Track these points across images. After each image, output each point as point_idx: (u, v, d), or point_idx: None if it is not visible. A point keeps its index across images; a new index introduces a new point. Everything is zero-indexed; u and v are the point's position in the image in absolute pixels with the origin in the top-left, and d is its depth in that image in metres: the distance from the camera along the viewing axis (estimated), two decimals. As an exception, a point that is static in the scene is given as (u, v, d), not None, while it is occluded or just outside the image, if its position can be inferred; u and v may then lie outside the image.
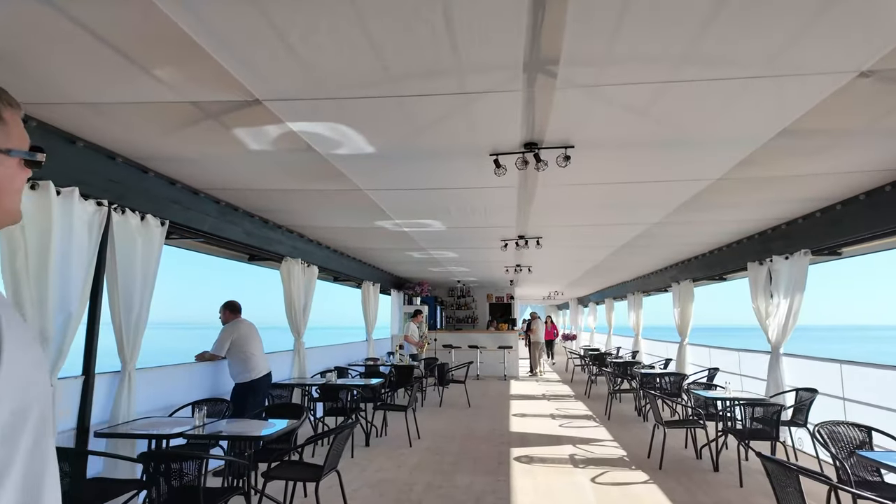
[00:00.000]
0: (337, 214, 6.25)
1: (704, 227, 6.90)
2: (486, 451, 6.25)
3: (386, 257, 10.20)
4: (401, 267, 11.86)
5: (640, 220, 6.51)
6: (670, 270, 11.04)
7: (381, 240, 7.98)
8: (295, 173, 4.60)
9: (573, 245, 8.58)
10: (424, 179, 4.74)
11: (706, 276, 9.35)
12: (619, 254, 9.28)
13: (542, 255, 9.70)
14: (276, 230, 6.82)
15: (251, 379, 5.48)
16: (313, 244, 8.00)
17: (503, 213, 6.13)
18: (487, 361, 14.63)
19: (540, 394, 11.36)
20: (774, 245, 6.75)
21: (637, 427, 7.72)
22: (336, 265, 9.26)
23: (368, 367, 9.88)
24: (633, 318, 14.16)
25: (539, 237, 7.59)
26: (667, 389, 8.21)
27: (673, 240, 7.87)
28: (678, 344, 10.31)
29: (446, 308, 18.62)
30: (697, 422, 5.77)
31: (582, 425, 7.92)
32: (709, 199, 5.35)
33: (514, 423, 7.99)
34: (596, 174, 4.57)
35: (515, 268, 11.51)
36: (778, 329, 6.61)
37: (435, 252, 9.37)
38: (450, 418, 8.41)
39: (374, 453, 6.15)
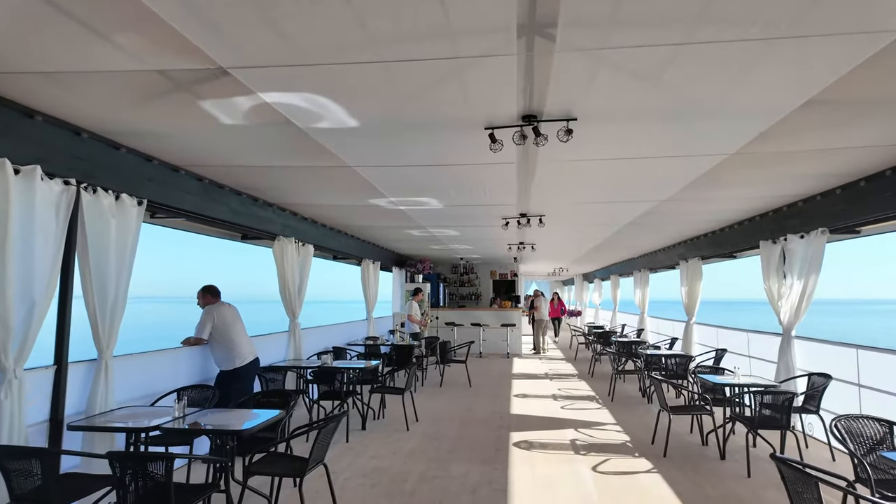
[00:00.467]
0: (328, 192, 5.96)
1: (715, 205, 6.56)
2: (484, 437, 6.08)
3: (385, 235, 9.94)
4: (401, 244, 11.61)
5: (647, 198, 6.18)
6: (678, 248, 10.71)
7: (377, 218, 7.70)
8: (277, 149, 4.30)
9: (577, 223, 8.26)
10: (416, 156, 4.43)
11: (716, 254, 9.02)
12: (625, 231, 8.96)
13: (546, 233, 9.39)
14: (267, 208, 6.54)
15: (236, 367, 5.28)
16: (307, 222, 7.74)
17: (503, 190, 5.81)
18: (490, 339, 14.48)
19: (543, 373, 11.20)
20: (789, 223, 6.41)
21: (641, 410, 7.54)
22: (333, 243, 9.01)
23: (368, 346, 9.74)
24: (638, 296, 13.90)
25: (542, 215, 7.28)
26: (672, 371, 8.00)
27: (681, 217, 7.53)
28: (685, 323, 10.06)
29: (449, 285, 18.43)
30: (704, 408, 5.55)
31: (584, 407, 7.74)
32: (722, 176, 5.01)
33: (514, 405, 7.83)
34: (601, 149, 4.24)
35: (519, 245, 11.22)
36: (790, 311, 6.33)
37: (435, 230, 9.09)
38: (449, 399, 8.26)
39: (369, 438, 6.00)
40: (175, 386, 4.83)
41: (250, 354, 5.46)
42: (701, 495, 4.34)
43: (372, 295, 10.97)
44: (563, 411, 7.43)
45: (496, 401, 8.15)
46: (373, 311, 11.05)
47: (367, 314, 11.04)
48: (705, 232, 8.98)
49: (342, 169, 4.79)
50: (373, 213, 7.28)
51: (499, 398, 8.36)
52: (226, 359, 5.32)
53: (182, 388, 4.73)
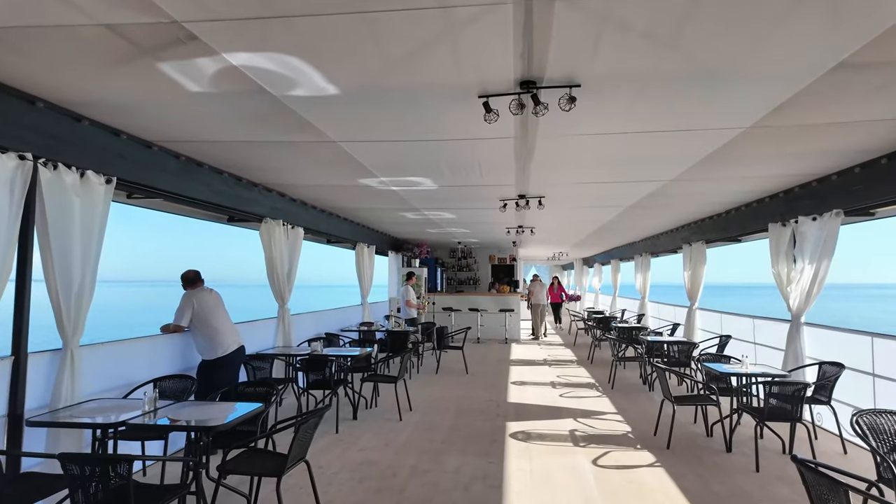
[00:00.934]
0: (315, 171, 5.63)
1: (724, 185, 6.24)
2: (480, 427, 5.85)
3: (379, 218, 9.62)
4: (397, 228, 11.29)
5: (653, 178, 5.86)
6: (682, 231, 10.40)
7: (370, 200, 7.37)
8: (255, 123, 3.96)
9: (578, 205, 7.94)
10: (404, 129, 4.09)
11: (721, 237, 8.72)
12: (628, 214, 8.64)
13: (545, 216, 9.07)
14: (252, 189, 6.22)
15: (219, 356, 5.01)
16: (297, 204, 7.41)
17: (500, 169, 5.48)
18: (488, 324, 14.26)
19: (541, 359, 10.98)
20: (801, 204, 6.09)
21: (642, 398, 7.31)
22: (325, 227, 8.69)
23: (363, 332, 9.49)
24: (639, 281, 13.62)
25: (541, 196, 6.95)
26: (675, 358, 7.75)
27: (687, 199, 7.21)
28: (687, 308, 9.80)
29: (447, 270, 18.16)
30: (710, 398, 5.30)
31: (584, 395, 7.51)
32: (734, 153, 4.68)
33: (512, 393, 7.60)
34: (606, 123, 3.91)
35: (517, 229, 10.91)
36: (800, 296, 6.05)
37: (430, 213, 8.77)
38: (445, 387, 8.03)
39: (361, 428, 5.76)
40: (154, 376, 4.56)
41: (234, 343, 5.19)
42: (707, 492, 4.10)
43: (367, 280, 10.69)
44: (562, 399, 7.20)
45: (493, 388, 7.92)
46: (368, 296, 10.79)
47: (361, 299, 10.77)
48: (710, 214, 8.67)
49: (326, 145, 4.46)
50: (365, 195, 6.96)
51: (496, 386, 8.13)
52: (208, 347, 5.05)
53: (159, 378, 4.47)
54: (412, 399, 6.97)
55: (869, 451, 4.73)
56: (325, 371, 5.93)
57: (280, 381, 6.13)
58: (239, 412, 3.48)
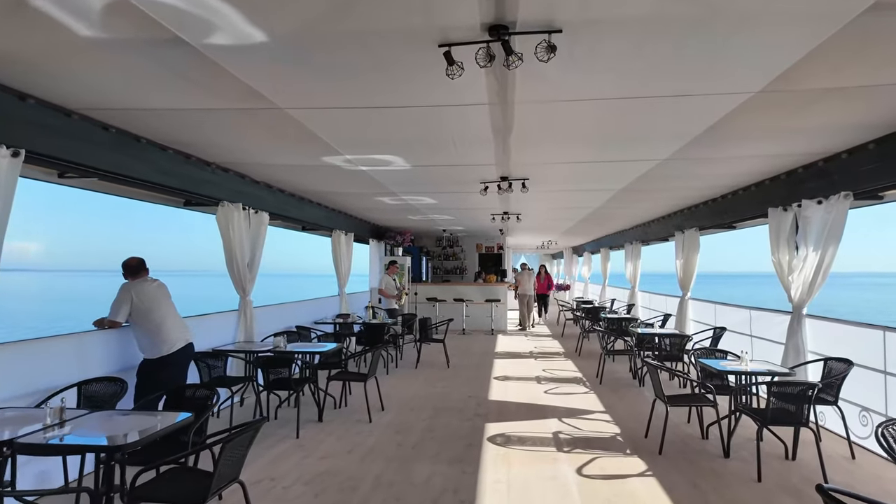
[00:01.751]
0: (272, 148, 5.05)
1: (722, 166, 5.74)
2: (457, 428, 5.36)
3: (356, 203, 9.03)
4: (376, 214, 10.71)
5: (646, 156, 5.34)
6: (674, 218, 9.94)
7: (341, 182, 6.80)
8: (185, 85, 3.38)
9: (566, 188, 7.42)
10: (358, 94, 3.52)
11: (715, 223, 8.25)
12: (618, 199, 8.14)
13: (531, 201, 8.56)
14: (205, 168, 5.62)
15: (163, 354, 4.46)
16: (261, 187, 6.82)
17: (478, 145, 4.94)
18: (474, 315, 13.77)
19: (527, 351, 10.52)
20: (805, 187, 5.62)
21: (632, 394, 6.86)
22: (297, 212, 8.10)
23: (339, 325, 8.96)
24: (629, 270, 13.19)
25: (524, 179, 6.42)
26: (667, 351, 7.32)
27: (681, 182, 6.72)
28: (679, 298, 9.37)
29: (433, 259, 17.62)
30: (706, 398, 4.85)
31: (570, 391, 7.05)
32: (735, 127, 4.18)
33: (494, 389, 7.12)
34: (593, 84, 3.37)
35: (503, 216, 10.38)
36: (803, 286, 5.60)
37: (408, 197, 8.20)
38: (424, 382, 7.54)
39: (325, 432, 5.25)
40: (85, 377, 4.00)
41: (181, 340, 4.63)
42: (706, 507, 3.64)
43: (344, 269, 10.13)
44: (547, 397, 6.73)
45: (474, 384, 7.43)
46: (345, 286, 10.23)
47: (339, 289, 10.22)
48: (705, 200, 8.19)
49: (273, 113, 3.87)
50: (334, 177, 6.38)
51: (478, 381, 7.65)
52: (150, 345, 4.49)
53: (84, 381, 3.91)
54: (387, 397, 6.47)
55: (883, 459, 4.35)
56: (291, 368, 5.39)
57: (238, 380, 5.59)
58: (161, 425, 2.95)
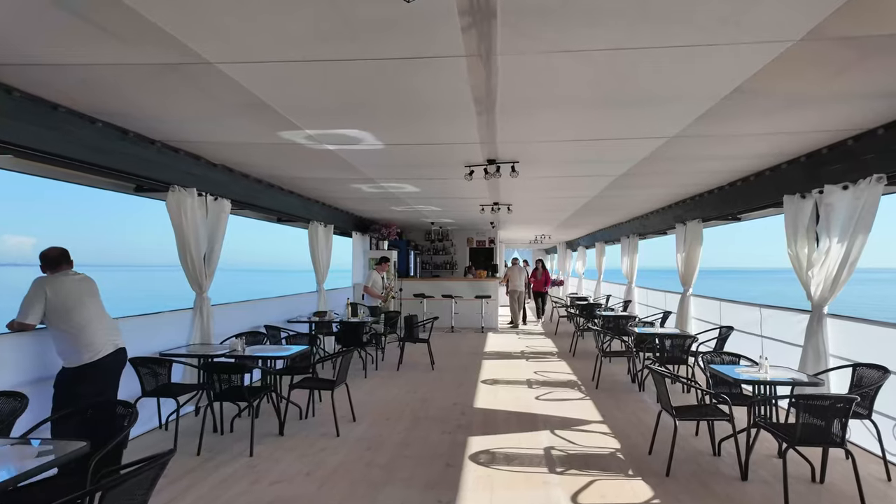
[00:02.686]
0: (214, 119, 4.34)
1: (736, 145, 5.11)
2: (436, 443, 4.72)
3: (331, 191, 8.32)
4: (356, 205, 10.01)
5: (651, 132, 4.68)
6: (675, 209, 9.31)
7: (308, 165, 6.10)
8: (87, 30, 2.68)
9: (560, 174, 6.77)
10: (303, 38, 2.83)
11: (722, 214, 7.63)
12: (617, 186, 7.50)
13: (522, 190, 7.90)
14: (148, 147, 4.91)
15: (84, 362, 3.77)
16: (220, 170, 6.11)
17: (459, 119, 4.26)
18: (463, 312, 13.13)
19: (518, 351, 9.89)
20: (829, 171, 5.00)
21: (632, 400, 6.23)
22: (267, 200, 7.41)
23: (315, 324, 8.29)
24: (626, 264, 12.58)
25: (514, 162, 5.75)
26: (669, 353, 6.70)
27: (688, 166, 6.08)
28: (680, 295, 8.76)
29: (422, 253, 16.96)
30: (720, 410, 4.22)
31: (564, 397, 6.42)
32: (761, 91, 3.54)
33: (481, 395, 6.48)
34: (591, 31, 2.71)
35: (493, 206, 9.72)
36: (824, 282, 4.99)
37: (388, 185, 7.52)
38: (404, 386, 6.89)
39: (285, 448, 4.59)
40: (-15, 390, 3.31)
41: (109, 344, 3.94)
42: (727, 549, 3.01)
43: (323, 263, 9.44)
44: (539, 404, 6.10)
45: (460, 389, 6.79)
46: (324, 281, 9.54)
47: (317, 285, 9.53)
48: (711, 188, 7.56)
49: (202, 71, 3.18)
50: (299, 158, 5.69)
51: (464, 385, 7.01)
52: (70, 351, 3.80)
53: (-26, 397, 3.22)
54: (361, 404, 5.82)
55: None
56: (241, 376, 4.71)
57: (190, 388, 4.91)
58: (40, 461, 2.29)
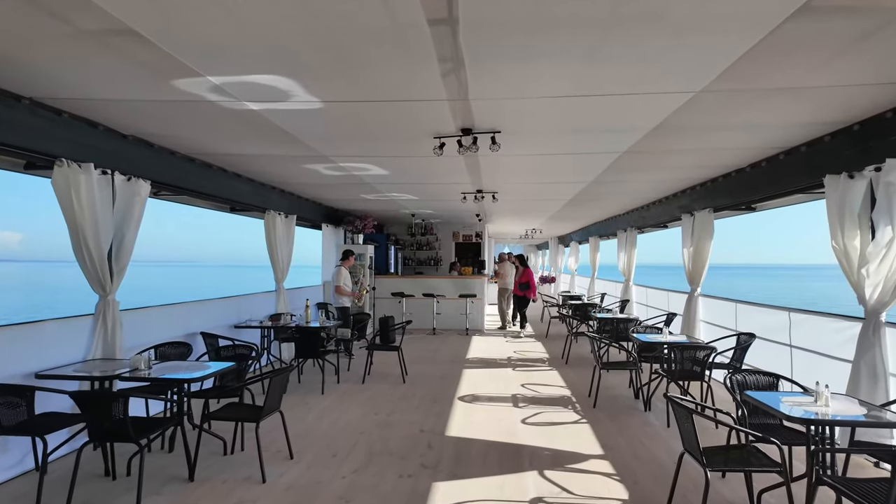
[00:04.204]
0: (81, 61, 3.17)
1: (768, 109, 4.04)
2: (386, 495, 3.61)
3: (284, 174, 7.11)
4: (321, 192, 8.83)
5: (669, 86, 3.58)
6: (681, 198, 8.25)
7: (234, 134, 4.94)
8: None
9: (551, 151, 5.66)
10: None
11: (736, 202, 6.59)
12: (617, 170, 6.42)
13: (508, 172, 6.81)
14: (13, 105, 3.74)
15: None
16: (131, 142, 4.92)
17: (414, 59, 3.13)
18: (446, 312, 12.03)
19: (505, 357, 8.81)
20: (891, 141, 3.95)
21: (637, 424, 5.16)
22: (205, 185, 6.24)
23: (268, 328, 7.15)
24: (623, 261, 11.53)
25: (494, 131, 4.63)
26: (679, 366, 5.63)
27: (702, 140, 5.01)
28: (687, 295, 7.72)
29: (404, 248, 15.84)
30: (765, 458, 3.15)
31: (556, 419, 5.34)
32: (833, 10, 2.45)
33: (456, 417, 5.39)
34: None
35: (476, 195, 8.60)
36: (884, 283, 3.96)
37: (348, 164, 6.35)
38: (366, 405, 5.77)
39: (189, 499, 3.46)
40: None
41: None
42: None
43: (282, 259, 8.27)
44: (525, 430, 5.01)
45: (432, 408, 5.69)
46: (283, 279, 8.38)
47: (275, 284, 8.37)
48: (727, 171, 6.50)
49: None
50: (217, 123, 4.53)
51: (438, 403, 5.90)
52: None
53: None
54: (306, 433, 4.72)
55: None
56: (127, 407, 3.55)
57: (66, 420, 3.76)
58: None
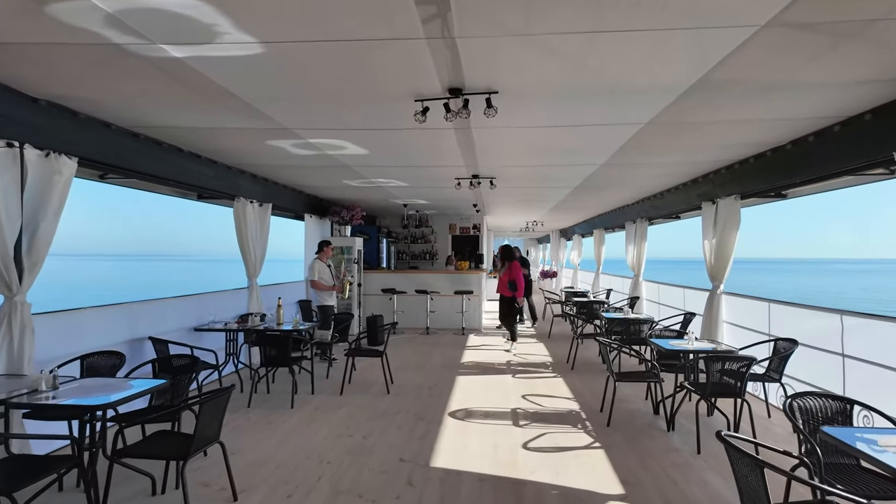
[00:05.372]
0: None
1: (826, 66, 3.15)
2: (348, 558, 2.75)
3: (248, 154, 6.14)
4: (298, 177, 7.87)
5: (721, 16, 2.69)
6: (702, 184, 7.35)
7: (160, 95, 4.05)
8: None
9: (557, 120, 4.76)
10: None
11: (771, 187, 5.70)
12: (633, 147, 5.51)
13: (507, 149, 5.91)
14: None
15: None
16: (42, 108, 4.02)
17: None
18: (441, 310, 11.16)
19: (504, 362, 7.94)
20: None
21: (660, 449, 4.30)
22: (154, 166, 5.34)
23: (234, 331, 6.31)
24: (632, 254, 10.65)
25: (490, 92, 3.71)
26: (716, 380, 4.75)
27: (744, 110, 4.12)
28: (708, 293, 6.86)
29: (398, 242, 14.96)
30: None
31: (564, 443, 4.48)
32: None
33: (443, 441, 4.52)
34: None
35: (472, 180, 7.70)
36: None
37: (318, 141, 5.42)
38: (339, 425, 4.91)
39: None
40: None
41: None
42: None
43: (255, 252, 7.39)
44: (528, 458, 4.14)
45: (416, 428, 4.83)
46: (256, 275, 7.51)
47: (248, 280, 7.49)
48: (760, 150, 5.60)
49: None
50: (147, 82, 3.64)
51: (424, 421, 5.04)
52: None
53: None
54: (261, 461, 3.87)
55: None
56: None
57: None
58: None
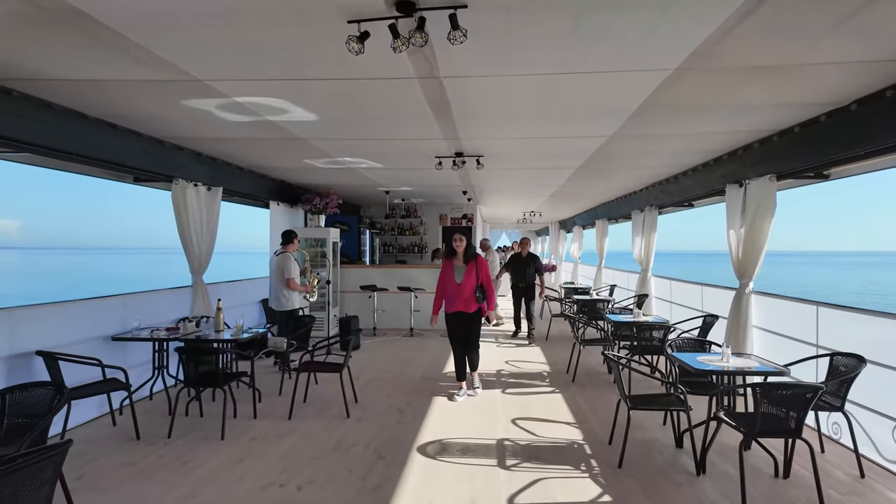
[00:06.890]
0: None
1: None
2: None
3: (162, 116, 4.99)
4: (250, 155, 6.72)
5: None
6: (726, 163, 6.23)
7: (31, 32, 2.95)
8: None
9: (554, 66, 3.64)
10: None
11: (819, 162, 4.60)
12: (654, 106, 4.39)
13: (494, 117, 4.78)
14: None
15: None
16: None
17: None
18: (427, 309, 10.02)
19: (493, 371, 6.86)
20: None
21: (688, 498, 3.23)
22: (44, 133, 4.23)
23: (162, 341, 5.21)
24: (639, 247, 9.56)
25: (456, 5, 2.59)
26: (773, 414, 3.67)
27: (801, 51, 3.01)
28: (735, 292, 5.78)
29: (383, 233, 13.85)
30: None
31: (562, 497, 3.41)
32: None
33: (404, 493, 3.44)
34: None
35: (455, 159, 6.57)
36: None
37: (246, 99, 4.30)
38: (275, 466, 3.82)
39: None
40: None
41: None
42: None
43: (199, 244, 6.28)
44: (513, 521, 3.07)
45: (373, 471, 3.73)
46: (203, 270, 6.40)
47: (192, 277, 6.38)
48: (798, 121, 4.49)
49: None
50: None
51: (384, 460, 3.94)
52: None
53: None
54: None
55: None
56: None
57: None
58: None
